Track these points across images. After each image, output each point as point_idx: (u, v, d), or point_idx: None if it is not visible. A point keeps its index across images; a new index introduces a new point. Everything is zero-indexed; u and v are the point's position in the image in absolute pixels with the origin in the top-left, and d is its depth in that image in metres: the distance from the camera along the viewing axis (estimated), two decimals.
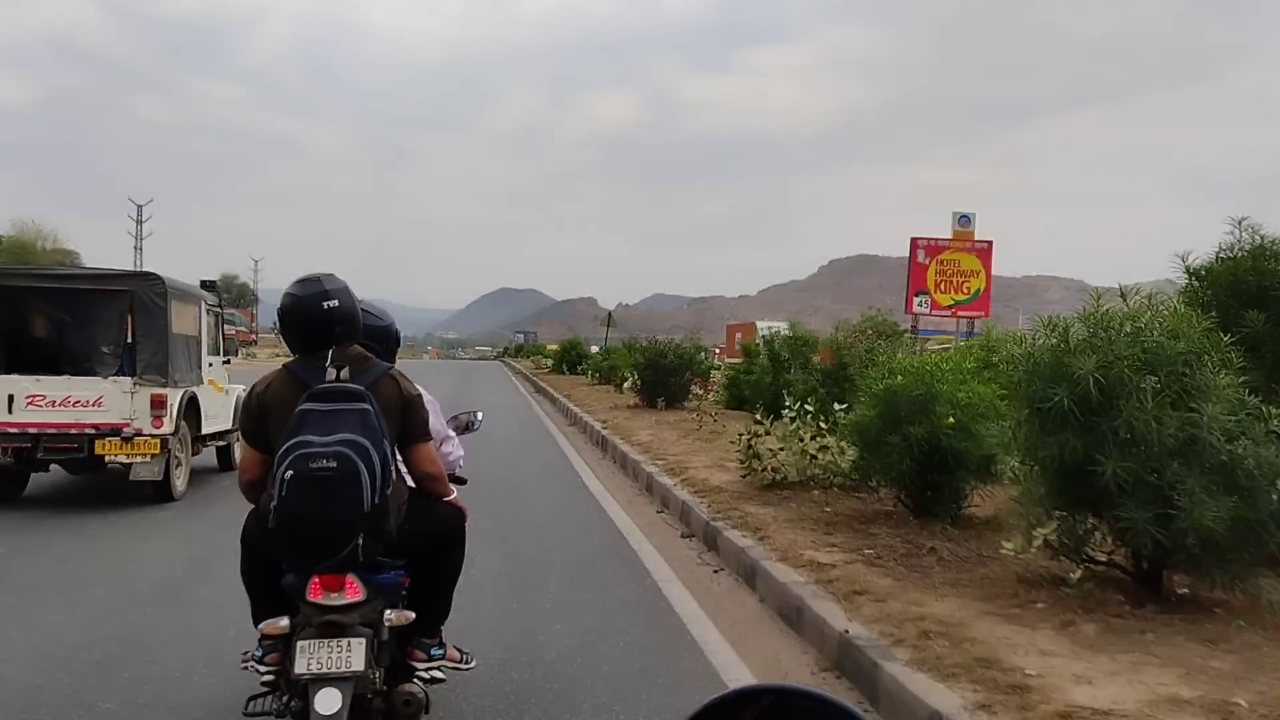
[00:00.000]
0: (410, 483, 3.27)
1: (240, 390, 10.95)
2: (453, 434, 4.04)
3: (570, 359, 41.95)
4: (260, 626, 3.06)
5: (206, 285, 10.77)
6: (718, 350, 45.53)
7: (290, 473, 2.81)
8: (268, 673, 3.09)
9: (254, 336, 68.32)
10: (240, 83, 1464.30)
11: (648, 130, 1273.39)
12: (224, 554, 6.77)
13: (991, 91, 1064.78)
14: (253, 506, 3.23)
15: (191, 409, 9.01)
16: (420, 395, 3.29)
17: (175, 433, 8.51)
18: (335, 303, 3.13)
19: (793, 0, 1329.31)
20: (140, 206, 70.70)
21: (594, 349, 47.60)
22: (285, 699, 3.02)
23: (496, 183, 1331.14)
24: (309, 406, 2.92)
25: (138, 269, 8.93)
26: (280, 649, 3.02)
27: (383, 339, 3.58)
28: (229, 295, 69.41)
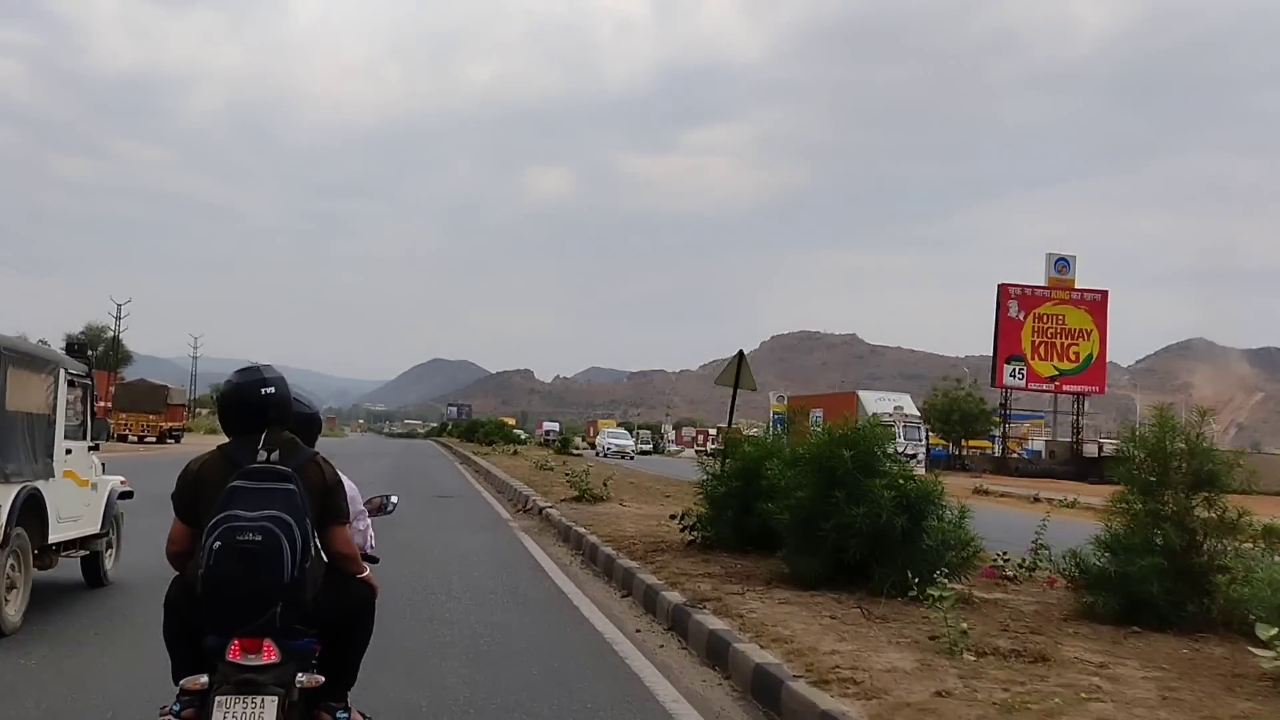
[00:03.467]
0: (326, 559, 3.46)
1: (116, 482, 8.71)
2: (366, 516, 4.22)
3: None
4: (181, 682, 3.20)
5: (74, 349, 8.52)
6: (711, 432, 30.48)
7: (218, 544, 3.04)
8: None
9: (105, 404, 49.60)
10: (171, 146, 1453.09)
11: (587, 205, 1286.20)
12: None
13: (923, 176, 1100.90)
14: (177, 574, 3.42)
15: (31, 510, 6.73)
16: (341, 481, 3.53)
17: (4, 545, 6.29)
18: (272, 389, 3.42)
19: (733, 81, 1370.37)
20: None
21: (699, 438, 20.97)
22: None
23: (432, 253, 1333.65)
24: (239, 484, 3.16)
25: None
26: (196, 705, 3.16)
27: (308, 425, 3.81)
28: (95, 353, 52.49)
